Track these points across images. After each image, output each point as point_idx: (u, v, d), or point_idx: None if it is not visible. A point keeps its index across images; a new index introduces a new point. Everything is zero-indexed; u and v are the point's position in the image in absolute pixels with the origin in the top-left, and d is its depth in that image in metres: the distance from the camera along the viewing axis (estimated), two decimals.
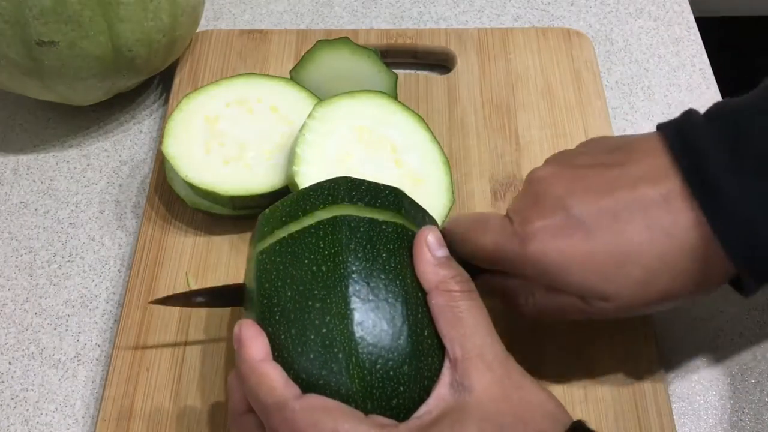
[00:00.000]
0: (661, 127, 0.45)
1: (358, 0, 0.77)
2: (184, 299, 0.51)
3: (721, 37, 0.80)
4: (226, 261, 0.58)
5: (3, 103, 0.70)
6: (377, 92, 0.59)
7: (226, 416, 0.51)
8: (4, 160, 0.66)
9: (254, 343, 0.43)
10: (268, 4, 0.77)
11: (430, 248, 0.44)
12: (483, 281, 0.48)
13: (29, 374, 0.55)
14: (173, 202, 0.60)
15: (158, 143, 0.66)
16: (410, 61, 0.70)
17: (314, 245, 0.44)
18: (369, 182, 0.47)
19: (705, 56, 0.72)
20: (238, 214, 0.58)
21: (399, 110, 0.59)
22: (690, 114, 0.44)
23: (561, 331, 0.53)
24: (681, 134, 0.43)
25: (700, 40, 0.73)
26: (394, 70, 0.63)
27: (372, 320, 0.42)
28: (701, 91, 0.69)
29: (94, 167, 0.66)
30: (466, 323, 0.42)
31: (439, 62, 0.70)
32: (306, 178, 0.54)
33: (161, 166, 0.62)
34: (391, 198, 0.47)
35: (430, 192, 0.56)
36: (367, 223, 0.45)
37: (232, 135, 0.59)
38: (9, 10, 0.55)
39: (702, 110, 0.44)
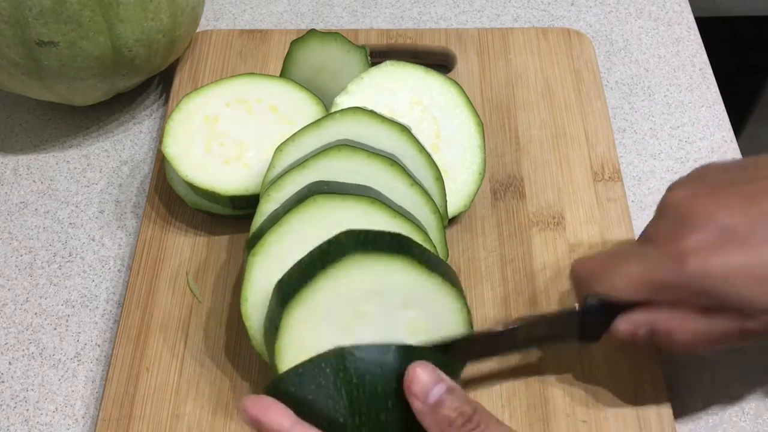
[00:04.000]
0: None
1: (358, 0, 0.77)
2: None
3: (721, 37, 0.80)
4: (226, 261, 0.58)
5: (3, 103, 0.70)
6: (453, 81, 0.59)
7: (226, 416, 0.51)
8: (4, 160, 0.66)
9: (272, 411, 0.40)
10: (268, 4, 0.77)
11: (420, 399, 0.41)
12: (627, 320, 0.46)
13: (29, 374, 0.55)
14: (173, 202, 0.60)
15: (158, 143, 0.66)
16: (410, 61, 0.70)
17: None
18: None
19: (705, 56, 0.72)
20: (238, 214, 0.58)
21: (463, 106, 0.59)
22: None
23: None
24: None
25: (700, 40, 0.73)
26: None
27: None
28: (701, 91, 0.69)
29: (94, 167, 0.66)
30: None
31: (439, 62, 0.70)
32: (340, 106, 0.55)
33: (161, 166, 0.62)
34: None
35: (450, 189, 0.56)
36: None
37: (232, 135, 0.59)
38: (9, 11, 0.55)
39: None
